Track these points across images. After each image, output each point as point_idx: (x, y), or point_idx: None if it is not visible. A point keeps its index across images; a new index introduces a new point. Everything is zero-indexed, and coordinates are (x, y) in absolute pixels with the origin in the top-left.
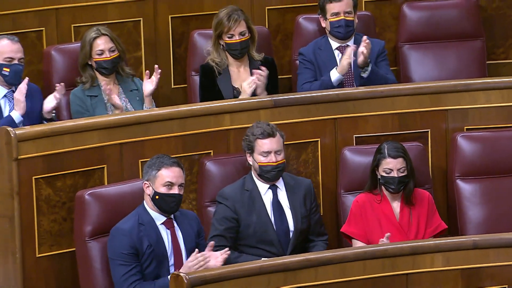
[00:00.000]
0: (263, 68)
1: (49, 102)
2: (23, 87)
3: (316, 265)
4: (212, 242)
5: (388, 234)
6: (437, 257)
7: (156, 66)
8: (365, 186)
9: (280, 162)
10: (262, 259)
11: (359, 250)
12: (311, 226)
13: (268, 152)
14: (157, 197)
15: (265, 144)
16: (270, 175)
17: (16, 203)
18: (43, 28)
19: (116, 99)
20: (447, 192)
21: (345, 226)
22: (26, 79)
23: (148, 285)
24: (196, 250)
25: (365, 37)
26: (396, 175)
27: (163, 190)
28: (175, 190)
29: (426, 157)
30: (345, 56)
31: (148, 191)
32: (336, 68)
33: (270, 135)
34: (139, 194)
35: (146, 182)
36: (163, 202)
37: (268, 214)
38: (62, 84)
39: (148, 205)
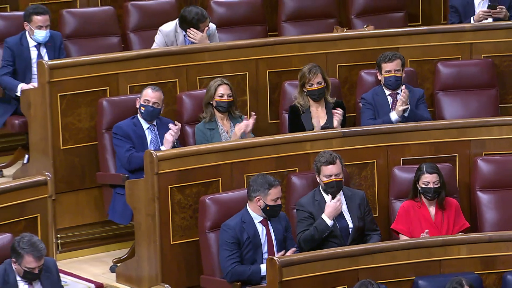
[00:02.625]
0: (338, 109)
1: (168, 139)
2: (174, 131)
3: (372, 253)
4: (293, 249)
5: (427, 230)
6: (462, 248)
7: (253, 113)
8: (409, 195)
9: (339, 180)
10: (333, 247)
11: (405, 242)
12: (366, 224)
13: (329, 176)
14: (268, 208)
15: (327, 169)
16: (331, 190)
17: (156, 205)
18: (177, 79)
19: (237, 135)
20: (469, 200)
21: (394, 224)
22: (179, 126)
23: (245, 267)
24: None
25: (404, 87)
26: (432, 187)
27: (271, 203)
28: (279, 202)
29: (454, 174)
30: (398, 105)
31: (260, 203)
32: (394, 111)
33: (331, 163)
34: (244, 200)
35: (258, 196)
36: (272, 211)
37: None
38: (178, 126)
39: (251, 209)
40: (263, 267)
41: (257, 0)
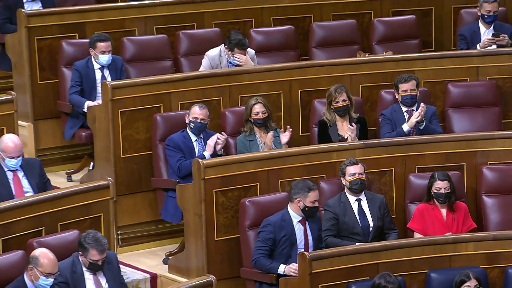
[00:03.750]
0: (350, 126)
1: (210, 144)
2: (215, 138)
3: (391, 249)
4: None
5: None
6: (470, 245)
7: (288, 126)
8: (423, 198)
9: (362, 178)
10: (356, 243)
11: (419, 239)
12: (385, 224)
13: (354, 174)
14: (306, 209)
15: (351, 169)
16: (355, 187)
17: (203, 206)
18: (221, 98)
19: (270, 145)
20: (476, 204)
21: (410, 224)
22: (225, 136)
23: (266, 261)
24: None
25: (422, 104)
26: (443, 192)
27: (310, 204)
28: (316, 204)
29: (463, 181)
30: (414, 117)
31: (300, 204)
32: (406, 123)
33: (355, 163)
34: (278, 202)
35: (298, 198)
36: (310, 212)
37: (355, 216)
38: (225, 136)
39: (291, 209)
40: (281, 267)
41: (290, 28)
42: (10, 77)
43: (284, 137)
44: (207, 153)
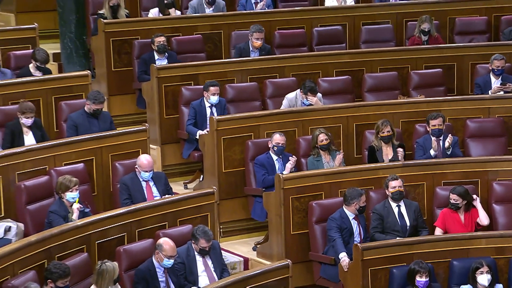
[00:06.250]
0: (400, 149)
1: (287, 167)
2: (292, 162)
3: (423, 242)
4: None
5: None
6: (482, 241)
7: (341, 151)
8: (448, 205)
9: (401, 190)
10: (396, 238)
11: (444, 236)
12: (418, 224)
13: (395, 187)
14: (360, 208)
15: (393, 183)
16: (396, 197)
17: (282, 209)
18: (296, 128)
19: (338, 165)
20: (488, 210)
21: (436, 223)
22: (295, 158)
23: (340, 245)
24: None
25: (450, 135)
26: (454, 203)
27: (362, 205)
28: (365, 204)
29: (477, 193)
30: (433, 146)
31: (356, 206)
32: (432, 149)
33: (395, 179)
34: (336, 206)
35: (355, 202)
36: (362, 210)
37: (396, 218)
38: (295, 158)
39: (347, 209)
40: (342, 254)
41: (348, 78)
42: (144, 113)
43: (336, 160)
44: (285, 172)
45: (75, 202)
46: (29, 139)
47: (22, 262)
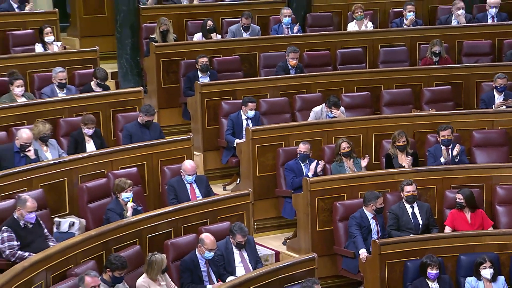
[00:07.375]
0: (409, 157)
1: (311, 168)
2: (314, 163)
3: (434, 239)
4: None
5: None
6: (487, 238)
7: (367, 155)
8: (456, 206)
9: (415, 194)
10: (410, 235)
11: (452, 233)
12: (430, 222)
13: (409, 191)
14: (378, 209)
15: (408, 187)
16: (410, 200)
17: (309, 208)
18: (321, 138)
19: (352, 169)
20: (491, 211)
21: (445, 222)
22: (323, 162)
23: (360, 242)
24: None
25: (458, 144)
26: (458, 201)
27: (379, 206)
28: (382, 205)
29: (482, 195)
30: (443, 154)
31: (373, 207)
32: (442, 157)
33: (410, 184)
34: (357, 206)
35: (372, 203)
36: (380, 210)
37: (410, 217)
38: (323, 163)
39: (366, 210)
40: (362, 250)
41: (367, 94)
42: (189, 124)
43: (364, 162)
44: (310, 174)
45: (129, 201)
46: (90, 147)
47: (84, 253)
